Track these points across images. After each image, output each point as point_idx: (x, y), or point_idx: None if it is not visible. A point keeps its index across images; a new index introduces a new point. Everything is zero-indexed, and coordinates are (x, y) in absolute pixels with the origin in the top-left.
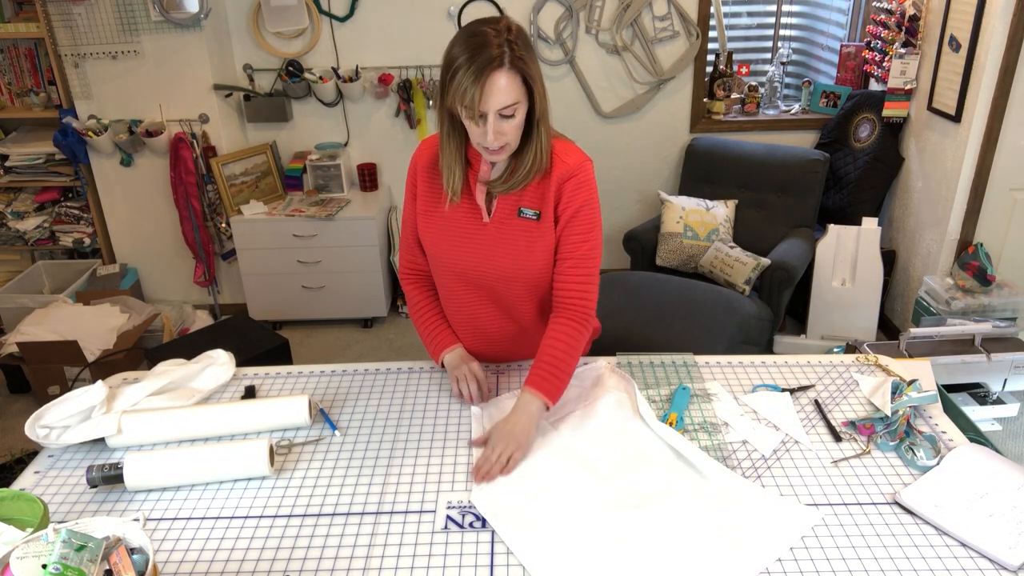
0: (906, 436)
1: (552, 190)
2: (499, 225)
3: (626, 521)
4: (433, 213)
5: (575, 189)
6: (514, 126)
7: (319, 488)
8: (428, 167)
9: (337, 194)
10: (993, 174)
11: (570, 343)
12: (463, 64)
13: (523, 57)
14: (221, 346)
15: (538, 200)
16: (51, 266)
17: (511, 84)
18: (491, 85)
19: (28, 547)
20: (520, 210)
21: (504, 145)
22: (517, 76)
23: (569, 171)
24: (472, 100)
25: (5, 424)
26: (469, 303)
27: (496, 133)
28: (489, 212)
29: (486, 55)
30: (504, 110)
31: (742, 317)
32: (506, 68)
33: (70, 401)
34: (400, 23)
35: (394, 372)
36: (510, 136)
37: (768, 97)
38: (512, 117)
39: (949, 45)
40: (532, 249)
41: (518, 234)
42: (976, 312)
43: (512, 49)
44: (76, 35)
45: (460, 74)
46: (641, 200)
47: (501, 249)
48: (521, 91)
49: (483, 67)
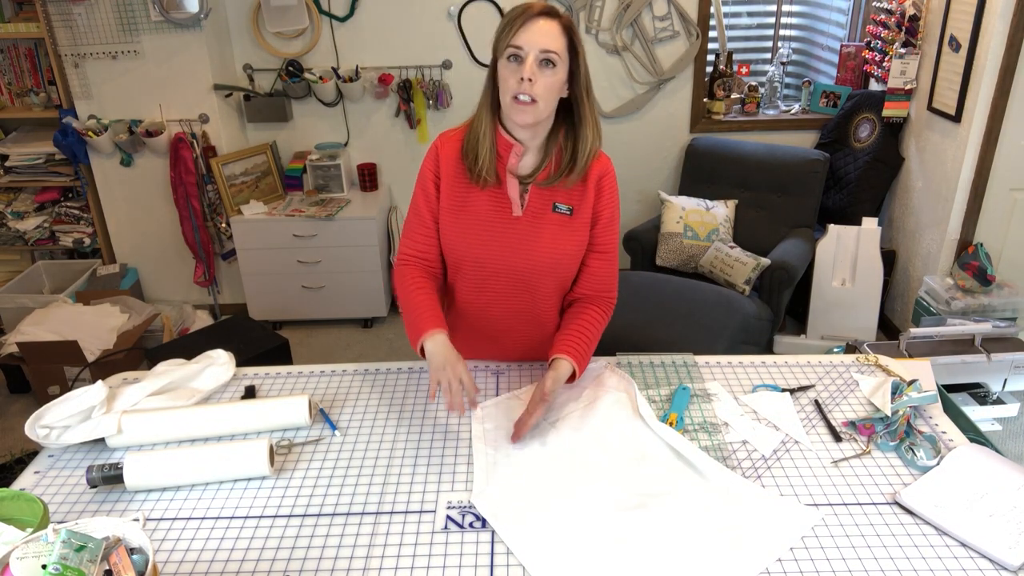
0: (906, 436)
1: (591, 186)
2: (532, 219)
3: (626, 521)
4: (462, 208)
5: (612, 188)
6: (551, 81)
7: (319, 488)
8: (454, 161)
9: (337, 194)
10: (993, 174)
11: (597, 325)
12: (511, 12)
13: (571, 25)
14: (221, 346)
15: (574, 195)
16: (51, 266)
17: (557, 34)
18: (536, 23)
19: (28, 547)
20: (555, 205)
21: (535, 102)
22: (564, 34)
23: (604, 167)
24: (516, 34)
25: (5, 424)
26: (490, 299)
27: (531, 73)
28: (522, 205)
29: (535, 5)
30: (545, 54)
31: (742, 317)
32: (555, 20)
33: (70, 401)
34: (400, 23)
35: (394, 372)
36: (542, 88)
37: (768, 97)
38: (552, 67)
39: (949, 45)
40: (565, 245)
41: (552, 229)
42: (976, 312)
43: (560, 14)
44: (76, 35)
45: (507, 18)
46: (641, 200)
47: (533, 243)
48: (564, 46)
49: (529, 8)
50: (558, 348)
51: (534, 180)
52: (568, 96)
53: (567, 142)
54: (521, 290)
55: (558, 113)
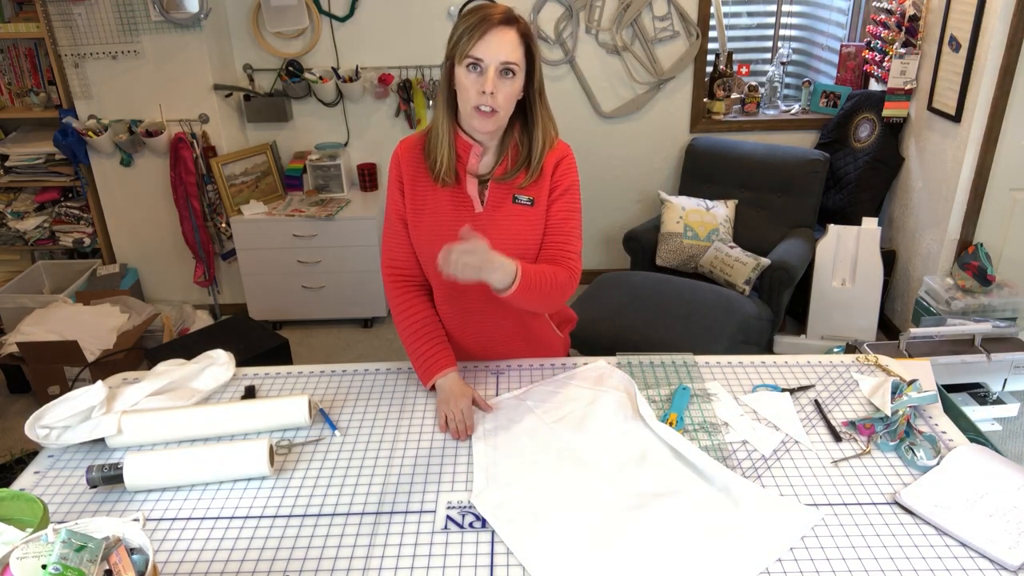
0: (906, 436)
1: (547, 174)
2: (493, 213)
3: (626, 521)
4: (423, 211)
5: (567, 169)
6: (510, 89)
7: (319, 488)
8: (413, 167)
9: (337, 194)
10: (993, 174)
11: (552, 272)
12: (471, 19)
13: (528, 32)
14: (221, 346)
15: (534, 187)
16: (51, 266)
17: (514, 43)
18: (496, 34)
19: (28, 547)
20: (515, 196)
21: (497, 107)
22: (522, 42)
23: (560, 152)
24: (472, 44)
25: (5, 424)
26: (467, 300)
27: (493, 84)
28: (482, 201)
29: (494, 13)
30: (505, 64)
31: (742, 317)
32: (512, 28)
33: (70, 401)
34: (400, 23)
35: (394, 372)
36: (503, 97)
37: (768, 97)
38: (510, 77)
39: (949, 45)
40: (527, 236)
41: (513, 220)
42: (976, 312)
43: (518, 21)
44: (76, 35)
45: (464, 27)
46: (641, 200)
47: (496, 237)
48: (522, 55)
49: (489, 19)
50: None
51: (491, 176)
52: (522, 98)
53: (523, 138)
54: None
55: (513, 112)
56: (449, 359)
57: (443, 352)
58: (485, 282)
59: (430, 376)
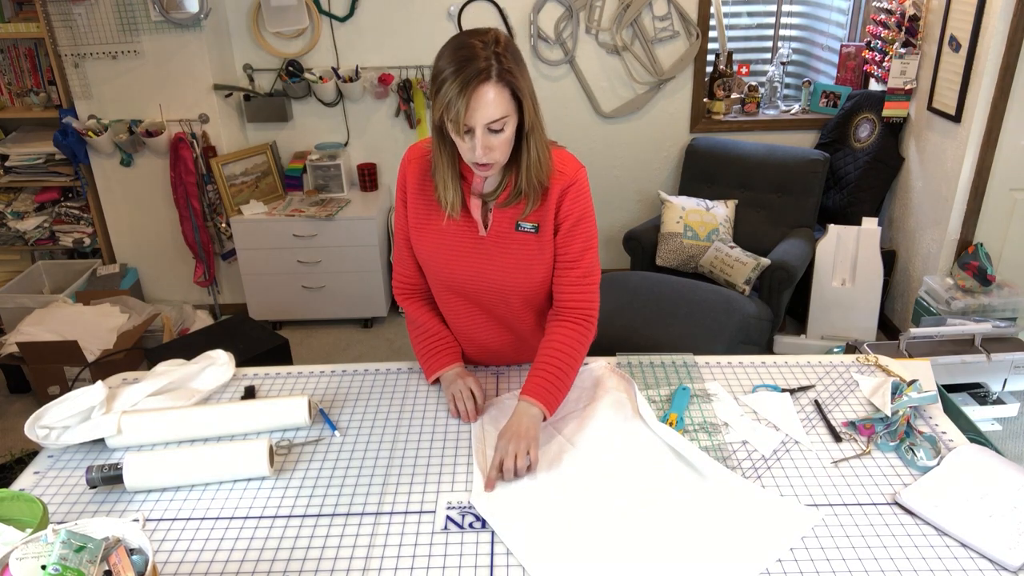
0: (906, 436)
1: (553, 201)
2: (496, 239)
3: (626, 521)
4: (426, 227)
5: (576, 197)
6: (503, 140)
7: (319, 488)
8: (418, 179)
9: (337, 194)
10: (993, 174)
11: (572, 349)
12: (449, 77)
13: (511, 70)
14: (221, 346)
15: (537, 213)
16: (51, 266)
17: (499, 97)
18: (478, 99)
19: (27, 548)
20: (518, 224)
21: (493, 161)
22: (505, 89)
23: (568, 180)
24: (458, 114)
25: (5, 424)
26: (467, 315)
27: (484, 148)
28: (486, 225)
29: (473, 68)
30: (492, 124)
31: (742, 317)
32: (493, 81)
33: (70, 401)
34: (400, 23)
35: (394, 372)
36: (499, 151)
37: (768, 97)
38: (501, 132)
39: (949, 45)
40: (531, 263)
41: (516, 248)
42: (976, 312)
43: (500, 62)
44: (76, 35)
45: (446, 87)
46: (641, 200)
47: (499, 263)
48: (510, 105)
49: (469, 80)
50: (527, 388)
51: (494, 200)
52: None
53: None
54: (493, 306)
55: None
56: (454, 356)
57: (449, 350)
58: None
59: (434, 370)
